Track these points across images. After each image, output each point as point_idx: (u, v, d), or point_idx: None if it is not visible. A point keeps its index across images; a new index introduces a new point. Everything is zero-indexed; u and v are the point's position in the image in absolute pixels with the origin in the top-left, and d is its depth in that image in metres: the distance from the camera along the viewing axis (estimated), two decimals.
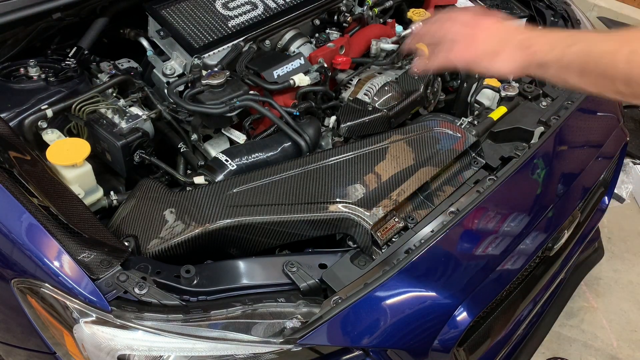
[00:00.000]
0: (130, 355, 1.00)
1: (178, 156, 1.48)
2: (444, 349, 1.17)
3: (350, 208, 1.21)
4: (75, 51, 1.57)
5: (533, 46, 0.90)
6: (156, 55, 1.65)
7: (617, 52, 0.80)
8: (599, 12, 3.56)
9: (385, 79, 1.63)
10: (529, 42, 0.91)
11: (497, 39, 0.94)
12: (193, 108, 1.41)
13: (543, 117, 1.52)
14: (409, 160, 1.34)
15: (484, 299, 1.24)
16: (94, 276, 1.01)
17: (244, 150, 1.40)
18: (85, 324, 0.99)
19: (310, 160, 1.32)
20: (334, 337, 1.05)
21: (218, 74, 1.45)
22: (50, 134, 1.35)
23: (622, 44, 0.81)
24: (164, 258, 1.14)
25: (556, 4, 2.07)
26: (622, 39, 0.82)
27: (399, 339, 1.11)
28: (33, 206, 1.06)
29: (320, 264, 1.14)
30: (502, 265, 1.26)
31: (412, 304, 1.13)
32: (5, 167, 1.12)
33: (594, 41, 0.84)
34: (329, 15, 1.85)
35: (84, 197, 1.23)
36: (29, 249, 1.02)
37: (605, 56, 0.81)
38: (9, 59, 1.51)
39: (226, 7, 1.71)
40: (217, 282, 1.08)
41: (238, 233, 1.19)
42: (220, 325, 1.01)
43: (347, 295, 1.07)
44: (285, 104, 1.53)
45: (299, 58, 1.62)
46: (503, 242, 1.30)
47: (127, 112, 1.43)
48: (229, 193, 1.22)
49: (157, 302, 1.01)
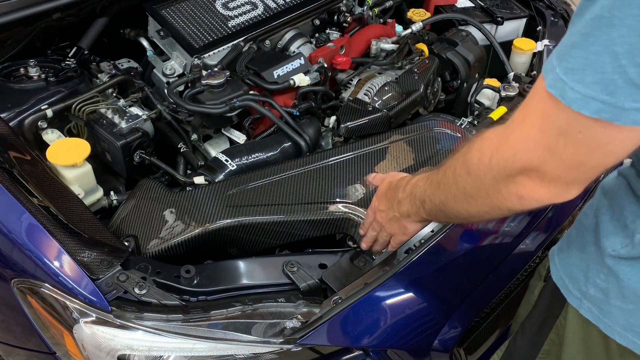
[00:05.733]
0: (130, 355, 1.00)
1: (178, 156, 1.48)
2: (444, 349, 1.17)
3: (350, 208, 1.21)
4: (75, 51, 1.58)
5: (405, 211, 1.00)
6: (156, 55, 1.65)
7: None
8: None
9: (385, 79, 1.63)
10: (400, 211, 1.01)
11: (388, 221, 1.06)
12: (193, 108, 1.41)
13: None
14: (409, 160, 1.34)
15: (483, 299, 1.24)
16: (94, 276, 1.01)
17: (244, 150, 1.40)
18: (85, 324, 0.99)
19: (310, 160, 1.32)
20: (334, 337, 1.05)
21: (218, 74, 1.45)
22: (50, 134, 1.35)
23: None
24: (164, 258, 1.14)
25: (556, 4, 2.07)
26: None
27: (399, 339, 1.11)
28: (33, 206, 1.06)
29: (320, 264, 1.14)
30: (502, 265, 1.26)
31: (412, 304, 1.13)
32: (5, 167, 1.12)
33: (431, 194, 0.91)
34: (329, 15, 1.85)
35: (84, 197, 1.23)
36: (29, 249, 1.02)
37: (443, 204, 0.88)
38: (9, 59, 1.51)
39: (226, 7, 1.71)
40: (217, 282, 1.08)
41: (238, 233, 1.19)
42: (220, 325, 1.01)
43: (347, 295, 1.07)
44: (285, 104, 1.53)
45: (299, 58, 1.62)
46: (503, 242, 1.30)
47: (127, 112, 1.42)
48: (229, 193, 1.22)
49: (157, 302, 1.01)
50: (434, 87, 1.70)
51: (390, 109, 1.51)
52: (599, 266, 0.87)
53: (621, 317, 0.85)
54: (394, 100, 1.58)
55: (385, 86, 1.61)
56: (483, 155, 0.75)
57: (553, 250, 1.02)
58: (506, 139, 0.71)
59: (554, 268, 0.99)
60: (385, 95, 1.60)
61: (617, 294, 0.85)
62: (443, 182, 0.85)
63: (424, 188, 0.92)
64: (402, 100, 1.56)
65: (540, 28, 2.00)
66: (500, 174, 0.73)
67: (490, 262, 1.26)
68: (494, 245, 1.31)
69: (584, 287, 0.90)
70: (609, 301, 0.86)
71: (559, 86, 0.63)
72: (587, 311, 0.90)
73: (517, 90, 1.60)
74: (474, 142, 0.78)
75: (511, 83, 1.64)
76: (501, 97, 1.61)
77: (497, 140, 0.74)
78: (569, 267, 0.95)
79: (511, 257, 1.27)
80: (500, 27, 2.00)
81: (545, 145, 0.66)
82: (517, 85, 1.62)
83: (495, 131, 0.75)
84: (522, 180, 0.71)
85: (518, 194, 0.73)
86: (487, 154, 0.74)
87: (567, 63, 0.62)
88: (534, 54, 1.88)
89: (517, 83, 1.65)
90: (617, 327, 0.86)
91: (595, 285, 0.88)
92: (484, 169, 0.75)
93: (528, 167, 0.69)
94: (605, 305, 0.87)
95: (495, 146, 0.73)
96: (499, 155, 0.72)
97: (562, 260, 0.97)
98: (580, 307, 0.91)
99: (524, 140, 0.69)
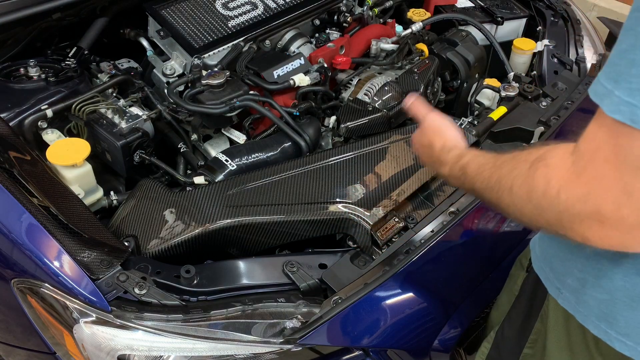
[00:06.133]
0: (130, 355, 1.00)
1: (178, 156, 1.49)
2: (444, 349, 1.17)
3: (350, 208, 1.21)
4: (75, 51, 1.58)
5: (445, 175, 0.97)
6: (156, 55, 1.65)
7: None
8: (599, 12, 3.56)
9: (385, 79, 1.63)
10: (440, 170, 0.98)
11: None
12: (193, 108, 1.41)
13: (543, 117, 1.52)
14: (409, 160, 1.34)
15: (484, 299, 1.24)
16: (94, 276, 1.01)
17: (244, 150, 1.40)
18: (85, 324, 0.99)
19: (310, 160, 1.32)
20: (334, 337, 1.05)
21: (218, 74, 1.45)
22: (50, 134, 1.35)
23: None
24: (164, 258, 1.14)
25: (556, 4, 2.07)
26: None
27: (399, 339, 1.11)
28: (33, 206, 1.06)
29: (320, 264, 1.14)
30: (503, 265, 1.26)
31: (412, 304, 1.13)
32: (5, 167, 1.12)
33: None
34: (329, 15, 1.85)
35: (84, 197, 1.23)
36: (29, 249, 1.02)
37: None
38: (9, 59, 1.51)
39: (226, 7, 1.71)
40: (217, 282, 1.08)
41: (238, 233, 1.19)
42: (220, 325, 1.01)
43: (347, 295, 1.07)
44: (285, 104, 1.53)
45: (299, 58, 1.62)
46: (503, 241, 1.30)
47: (127, 112, 1.42)
48: (229, 193, 1.22)
49: (157, 302, 1.01)
50: (434, 87, 1.70)
51: (390, 109, 1.51)
52: (576, 256, 0.86)
53: (596, 307, 0.84)
54: (394, 100, 1.58)
55: (385, 86, 1.61)
56: (550, 187, 0.67)
57: (534, 240, 1.02)
58: (578, 176, 0.63)
59: (535, 258, 0.98)
60: (385, 95, 1.60)
61: (594, 284, 0.84)
62: (497, 189, 0.78)
63: (474, 178, 0.85)
64: (402, 100, 1.56)
65: (540, 28, 2.00)
66: (567, 211, 0.65)
67: (490, 261, 1.26)
68: (494, 245, 1.31)
69: (563, 277, 0.90)
70: (585, 291, 0.85)
71: (626, 110, 0.58)
72: (565, 301, 0.90)
73: (517, 90, 1.60)
74: (537, 167, 0.69)
75: (511, 83, 1.64)
76: (501, 97, 1.61)
77: (566, 173, 0.65)
78: (548, 257, 0.94)
79: (511, 257, 1.27)
80: (500, 27, 2.01)
81: (622, 185, 0.59)
82: (517, 85, 1.62)
83: (563, 160, 0.66)
84: (590, 225, 0.64)
85: (583, 235, 0.65)
86: (555, 186, 0.66)
87: (629, 84, 0.57)
88: (534, 54, 1.88)
89: (517, 83, 1.65)
90: (592, 317, 0.86)
91: (573, 275, 0.87)
92: (549, 201, 0.67)
93: (600, 211, 0.62)
94: (582, 295, 0.86)
95: (565, 181, 0.65)
96: (570, 193, 0.64)
97: (543, 250, 0.97)
98: (559, 296, 0.91)
99: (599, 179, 0.61)
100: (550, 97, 1.62)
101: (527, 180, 0.71)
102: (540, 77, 1.77)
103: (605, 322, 0.84)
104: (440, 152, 0.98)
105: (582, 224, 0.64)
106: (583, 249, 0.85)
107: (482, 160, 0.86)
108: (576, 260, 0.87)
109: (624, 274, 0.80)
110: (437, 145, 0.99)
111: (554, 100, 1.61)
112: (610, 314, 0.83)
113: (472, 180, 0.86)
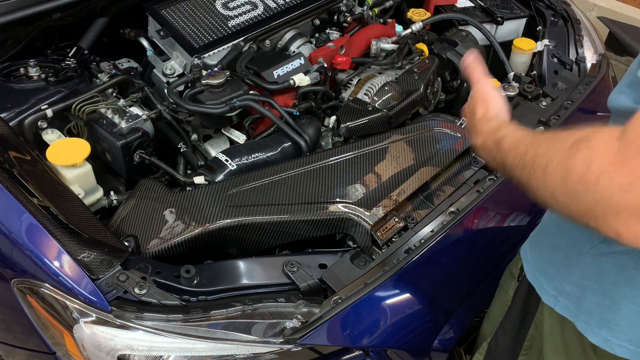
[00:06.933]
0: (130, 355, 1.00)
1: (178, 156, 1.48)
2: (444, 349, 1.17)
3: (350, 208, 1.21)
4: (75, 51, 1.58)
5: (479, 145, 0.91)
6: (156, 55, 1.65)
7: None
8: (599, 12, 3.55)
9: (385, 79, 1.63)
10: (475, 139, 0.92)
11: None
12: (193, 108, 1.41)
13: (543, 117, 1.52)
14: (409, 160, 1.34)
15: (483, 299, 1.24)
16: (94, 276, 1.01)
17: (244, 150, 1.40)
18: (85, 324, 0.99)
19: (310, 160, 1.32)
20: (334, 337, 1.05)
21: (218, 74, 1.45)
22: (50, 134, 1.35)
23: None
24: (164, 258, 1.14)
25: (556, 4, 2.07)
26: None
27: (399, 339, 1.11)
28: (33, 206, 1.06)
29: (320, 264, 1.14)
30: (502, 265, 1.25)
31: (412, 304, 1.13)
32: (5, 167, 1.12)
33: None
34: (329, 15, 1.85)
35: (84, 197, 1.23)
36: (29, 249, 1.02)
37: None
38: (9, 59, 1.51)
39: (226, 7, 1.71)
40: (217, 282, 1.08)
41: (238, 233, 1.19)
42: (220, 325, 1.01)
43: (347, 295, 1.07)
44: (285, 104, 1.53)
45: (299, 58, 1.62)
46: (503, 242, 1.30)
47: (127, 112, 1.42)
48: (229, 193, 1.22)
49: (157, 302, 1.01)
50: (434, 87, 1.70)
51: (390, 109, 1.51)
52: (575, 262, 0.85)
53: (597, 313, 0.83)
54: (394, 100, 1.58)
55: (385, 86, 1.61)
56: (589, 171, 0.60)
57: (525, 248, 1.00)
58: (622, 163, 0.57)
59: (529, 268, 0.97)
60: (385, 95, 1.60)
61: (596, 291, 0.83)
62: (529, 168, 0.71)
63: (507, 153, 0.79)
64: (402, 100, 1.56)
65: (540, 28, 2.00)
66: (604, 200, 0.58)
67: (490, 262, 1.26)
68: (494, 245, 1.31)
69: (560, 285, 0.88)
70: (585, 297, 0.84)
71: None
72: (564, 308, 0.88)
73: (517, 90, 1.61)
74: (579, 148, 0.62)
75: (511, 83, 1.64)
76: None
77: (609, 158, 0.58)
78: (543, 266, 0.93)
79: (511, 257, 1.27)
80: (500, 27, 2.01)
81: None
82: (517, 85, 1.62)
83: (609, 144, 0.59)
84: (627, 219, 0.57)
85: (617, 230, 0.59)
86: (595, 171, 0.59)
87: None
88: (534, 53, 1.88)
89: (517, 83, 1.65)
90: (592, 324, 0.85)
91: (572, 282, 0.86)
92: (586, 187, 0.60)
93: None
94: (582, 302, 0.85)
95: (608, 166, 0.58)
96: (611, 180, 0.58)
97: (535, 258, 0.95)
98: (556, 304, 0.90)
99: None
100: (550, 97, 1.63)
101: (564, 160, 0.63)
102: (540, 77, 1.77)
103: (606, 328, 0.83)
104: (479, 121, 0.91)
105: (617, 217, 0.58)
106: (583, 254, 0.84)
107: (519, 135, 0.79)
108: (575, 266, 0.86)
109: (629, 280, 0.79)
110: (479, 113, 0.92)
111: (554, 100, 1.61)
112: (613, 320, 0.82)
113: (504, 155, 0.79)
